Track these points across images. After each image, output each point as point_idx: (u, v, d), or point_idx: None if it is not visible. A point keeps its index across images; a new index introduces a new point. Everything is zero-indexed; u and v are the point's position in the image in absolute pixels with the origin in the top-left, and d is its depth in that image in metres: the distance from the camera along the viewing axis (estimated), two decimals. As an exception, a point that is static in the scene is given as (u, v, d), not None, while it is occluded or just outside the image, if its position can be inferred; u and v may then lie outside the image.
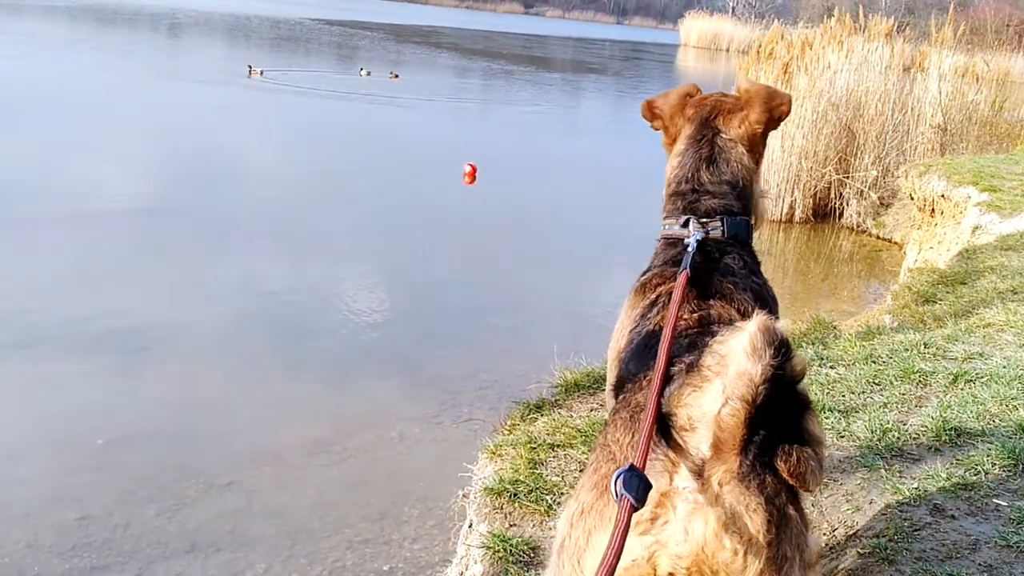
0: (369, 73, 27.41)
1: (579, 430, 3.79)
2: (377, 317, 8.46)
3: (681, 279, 2.19)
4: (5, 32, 29.94)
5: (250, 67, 24.84)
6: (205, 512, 5.18)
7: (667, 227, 2.54)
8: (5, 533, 4.81)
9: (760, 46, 14.43)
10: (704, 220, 2.46)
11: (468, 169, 14.38)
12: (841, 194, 13.24)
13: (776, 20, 19.89)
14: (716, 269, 2.32)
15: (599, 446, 1.96)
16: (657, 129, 2.75)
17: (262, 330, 7.94)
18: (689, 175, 2.56)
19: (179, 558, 4.76)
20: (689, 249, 2.35)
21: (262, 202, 12.29)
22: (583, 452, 3.58)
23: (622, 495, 1.59)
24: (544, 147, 19.18)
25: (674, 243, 2.48)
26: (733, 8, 79.75)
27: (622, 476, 1.61)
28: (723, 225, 2.45)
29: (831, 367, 4.39)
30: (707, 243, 2.40)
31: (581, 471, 3.52)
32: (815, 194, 13.19)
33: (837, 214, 13.24)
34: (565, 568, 1.83)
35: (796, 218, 12.98)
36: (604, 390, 4.17)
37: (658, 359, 1.88)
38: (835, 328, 5.48)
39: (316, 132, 18.16)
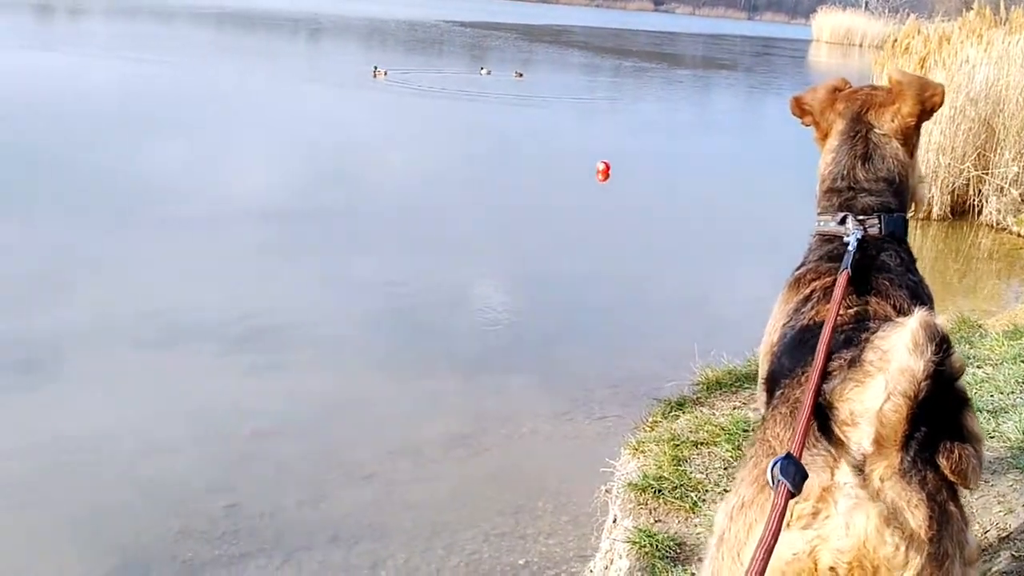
0: (489, 72, 27.62)
1: (723, 428, 3.79)
2: (509, 314, 8.55)
3: (842, 279, 2.19)
4: (157, 37, 31.19)
5: (375, 68, 25.36)
6: (346, 503, 5.31)
7: (822, 223, 2.52)
8: (161, 520, 5.01)
9: (895, 41, 14.04)
10: (861, 218, 2.44)
11: (602, 167, 14.25)
12: (980, 191, 12.78)
13: (911, 14, 19.34)
14: (873, 266, 2.32)
15: (758, 441, 1.99)
16: (807, 125, 2.74)
17: (396, 327, 8.11)
18: (844, 172, 2.53)
19: (322, 547, 4.88)
20: (849, 248, 2.34)
21: (391, 202, 12.54)
22: (728, 450, 3.59)
23: (779, 481, 1.62)
24: (675, 144, 19.08)
25: (830, 239, 2.47)
26: (866, 3, 77.64)
27: (779, 463, 1.64)
28: (880, 222, 2.43)
29: (978, 366, 4.28)
30: (864, 240, 2.38)
31: (726, 469, 3.54)
32: (953, 191, 12.77)
33: (975, 211, 12.78)
34: (724, 561, 1.86)
35: (933, 215, 12.58)
36: (747, 389, 4.16)
37: (816, 355, 1.90)
38: (980, 327, 5.33)
39: (439, 131, 18.44)
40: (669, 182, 15.18)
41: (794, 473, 1.63)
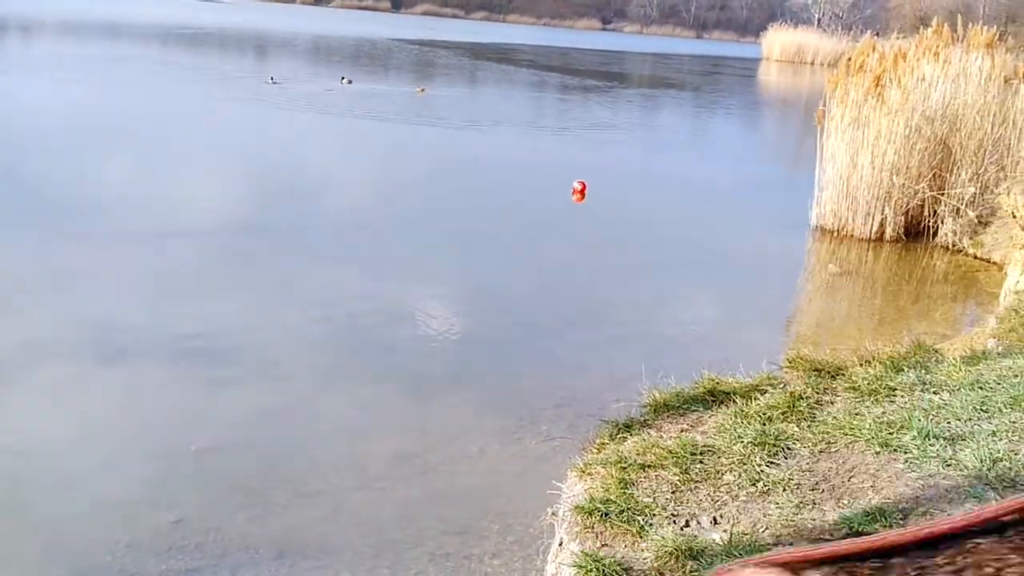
0: (351, 81, 27.62)
1: (670, 451, 3.70)
2: (457, 332, 8.48)
3: None
4: (130, 59, 30.88)
5: (272, 78, 26.25)
6: (292, 519, 5.23)
7: None
8: (108, 533, 4.96)
9: (850, 59, 14.04)
10: None
11: (578, 187, 14.07)
12: (935, 212, 12.79)
13: (864, 31, 19.47)
14: None
15: None
16: None
17: (344, 343, 8.01)
18: None
19: (267, 564, 4.81)
20: None
21: (337, 220, 12.47)
22: (675, 473, 3.51)
23: None
24: (620, 163, 19.03)
25: None
26: (819, 20, 78.44)
27: None
28: None
29: (934, 392, 4.23)
30: None
31: (673, 492, 3.46)
32: (907, 211, 12.77)
33: (931, 232, 12.78)
34: None
35: (886, 236, 12.59)
36: (695, 411, 4.09)
37: None
38: (936, 352, 5.29)
39: (374, 150, 18.48)
40: (612, 201, 14.97)
41: None
